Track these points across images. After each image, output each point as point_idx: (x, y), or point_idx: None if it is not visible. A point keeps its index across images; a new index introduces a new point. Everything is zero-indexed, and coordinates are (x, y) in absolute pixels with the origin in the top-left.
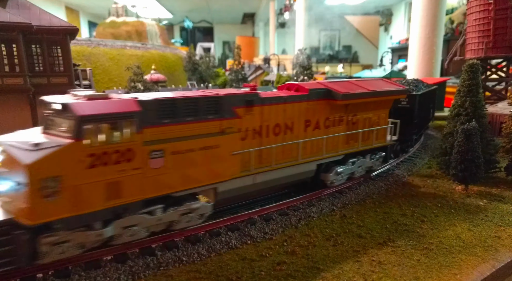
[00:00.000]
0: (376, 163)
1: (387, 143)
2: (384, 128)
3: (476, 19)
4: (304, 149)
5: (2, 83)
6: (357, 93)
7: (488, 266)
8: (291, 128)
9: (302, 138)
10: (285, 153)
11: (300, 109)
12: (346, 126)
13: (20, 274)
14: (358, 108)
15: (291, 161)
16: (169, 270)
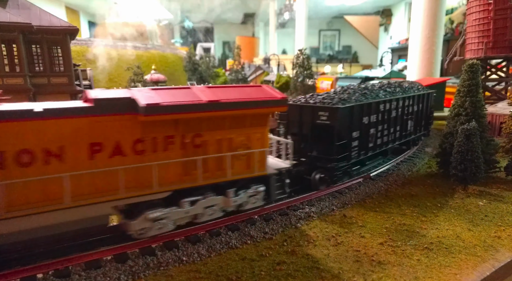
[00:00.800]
0: (248, 200)
1: (260, 173)
2: (257, 153)
3: (476, 19)
4: (85, 186)
5: (3, 83)
6: (178, 106)
7: (488, 266)
8: (58, 155)
9: (84, 169)
10: (44, 193)
11: (76, 127)
12: (181, 150)
13: (20, 274)
14: (202, 126)
15: (50, 204)
16: (169, 270)
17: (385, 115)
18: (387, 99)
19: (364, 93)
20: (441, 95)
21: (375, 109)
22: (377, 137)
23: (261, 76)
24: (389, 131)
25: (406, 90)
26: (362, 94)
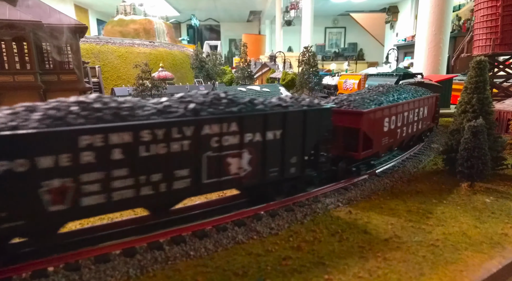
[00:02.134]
0: None
1: None
2: None
3: (483, 15)
4: None
5: (14, 80)
6: None
7: (494, 263)
8: None
9: None
10: None
11: None
12: None
13: (31, 267)
14: None
15: None
16: (176, 264)
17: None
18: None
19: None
20: (447, 92)
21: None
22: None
23: (267, 74)
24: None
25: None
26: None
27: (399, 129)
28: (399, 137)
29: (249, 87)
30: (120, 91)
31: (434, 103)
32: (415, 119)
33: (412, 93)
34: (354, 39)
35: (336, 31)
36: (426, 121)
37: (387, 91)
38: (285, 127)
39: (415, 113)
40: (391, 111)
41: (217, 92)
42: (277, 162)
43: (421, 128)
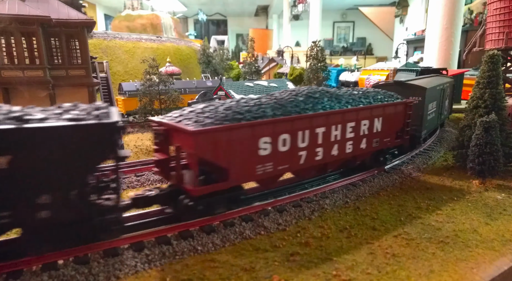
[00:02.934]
0: None
1: None
2: None
3: (496, 8)
4: None
5: (23, 75)
6: None
7: (506, 260)
8: None
9: None
10: None
11: None
12: None
13: (42, 260)
14: None
15: None
16: (184, 259)
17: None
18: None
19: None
20: (458, 87)
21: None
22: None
23: (274, 69)
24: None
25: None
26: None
27: (308, 150)
28: (308, 161)
29: (256, 82)
30: (128, 86)
31: (403, 112)
32: (356, 135)
33: (360, 100)
34: (362, 34)
35: (345, 25)
36: (383, 138)
37: (313, 96)
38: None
39: (354, 127)
40: (284, 127)
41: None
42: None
43: (370, 147)
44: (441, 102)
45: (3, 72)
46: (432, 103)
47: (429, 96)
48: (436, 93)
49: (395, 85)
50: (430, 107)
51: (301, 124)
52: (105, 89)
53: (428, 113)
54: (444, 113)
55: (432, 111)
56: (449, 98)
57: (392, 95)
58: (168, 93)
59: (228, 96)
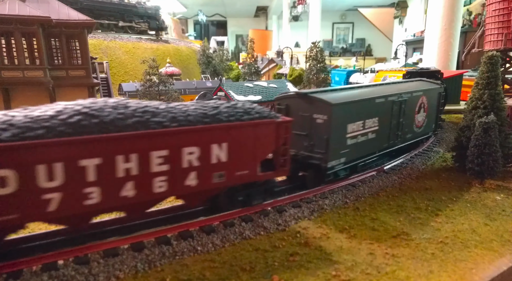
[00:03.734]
0: None
1: None
2: None
3: (495, 9)
4: None
5: (23, 75)
6: None
7: (505, 261)
8: None
9: None
10: None
11: None
12: None
13: (42, 260)
14: None
15: None
16: (184, 259)
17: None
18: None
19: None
20: (457, 88)
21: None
22: None
23: (274, 69)
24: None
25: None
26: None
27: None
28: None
29: (256, 82)
30: (128, 86)
31: (273, 135)
32: (172, 168)
33: (187, 119)
34: (362, 35)
35: (344, 26)
36: (233, 170)
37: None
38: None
39: (168, 156)
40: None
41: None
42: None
43: (209, 183)
44: (400, 118)
45: (4, 72)
46: (362, 122)
47: (342, 113)
48: (374, 108)
49: (298, 98)
50: (353, 128)
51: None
52: (105, 90)
53: (351, 136)
54: (419, 129)
55: (364, 132)
56: (433, 108)
57: (263, 112)
58: (168, 93)
59: (228, 97)
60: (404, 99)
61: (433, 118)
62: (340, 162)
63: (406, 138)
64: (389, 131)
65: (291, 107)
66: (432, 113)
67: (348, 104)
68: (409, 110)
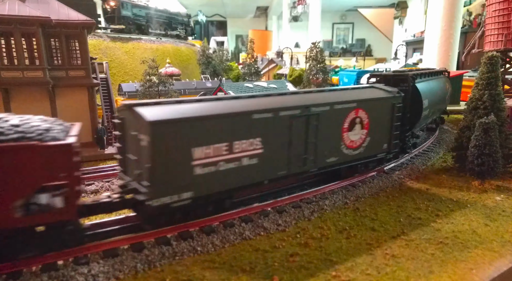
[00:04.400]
0: None
1: None
2: None
3: (495, 10)
4: None
5: (23, 76)
6: None
7: (505, 261)
8: None
9: None
10: None
11: None
12: None
13: (42, 260)
14: None
15: None
16: (184, 259)
17: None
18: None
19: None
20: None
21: None
22: None
23: (274, 70)
24: None
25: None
26: None
27: None
28: None
29: (256, 83)
30: (127, 87)
31: (39, 162)
32: None
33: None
34: (362, 35)
35: (344, 26)
36: None
37: None
38: None
39: None
40: None
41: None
42: None
43: None
44: (308, 137)
45: (3, 72)
46: (226, 145)
47: (176, 134)
48: (251, 125)
49: (127, 110)
50: (206, 153)
51: None
52: (104, 90)
53: (202, 163)
54: (354, 151)
55: (233, 157)
56: (383, 124)
57: (32, 132)
58: (168, 94)
59: None
60: (314, 114)
61: (385, 135)
62: (182, 198)
63: (326, 163)
64: (288, 154)
65: (126, 122)
66: (382, 130)
67: (189, 122)
68: (326, 127)
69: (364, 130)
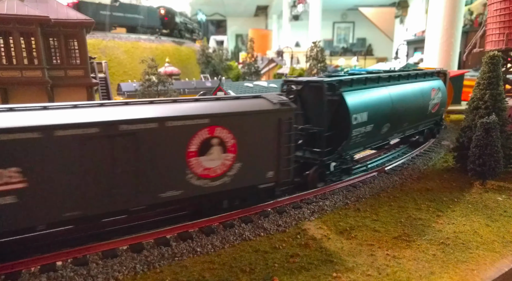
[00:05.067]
0: None
1: None
2: None
3: (497, 9)
4: None
5: (22, 75)
6: None
7: (506, 262)
8: None
9: None
10: None
11: None
12: None
13: (40, 261)
14: None
15: None
16: (183, 260)
17: None
18: None
19: None
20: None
21: None
22: None
23: (274, 69)
24: None
25: None
26: None
27: None
28: None
29: (256, 82)
30: (127, 86)
31: None
32: None
33: None
34: (363, 34)
35: (345, 26)
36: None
37: None
38: None
39: None
40: None
41: None
42: None
43: None
44: (115, 167)
45: (2, 72)
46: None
47: None
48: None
49: None
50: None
51: None
52: (103, 90)
53: None
54: (215, 181)
55: None
56: (263, 147)
57: None
58: (167, 93)
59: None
60: (126, 133)
61: (269, 161)
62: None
63: (160, 198)
64: (82, 187)
65: None
66: (263, 154)
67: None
68: (155, 150)
69: (229, 154)
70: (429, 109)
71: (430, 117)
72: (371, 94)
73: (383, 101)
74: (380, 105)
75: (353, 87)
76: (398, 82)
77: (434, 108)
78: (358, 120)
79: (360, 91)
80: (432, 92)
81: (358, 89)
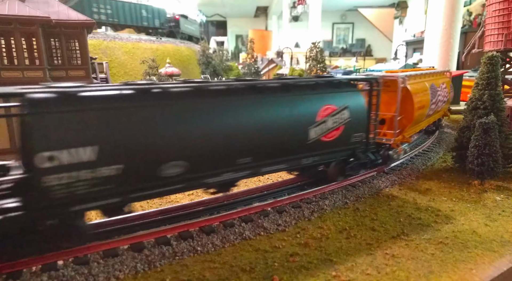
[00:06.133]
0: None
1: None
2: None
3: (495, 10)
4: None
5: (23, 76)
6: None
7: (505, 261)
8: None
9: None
10: None
11: None
12: None
13: (41, 260)
14: None
15: None
16: (184, 259)
17: None
18: None
19: None
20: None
21: None
22: None
23: (274, 70)
24: None
25: None
26: None
27: None
28: None
29: None
30: None
31: None
32: None
33: None
34: (362, 35)
35: (344, 26)
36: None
37: None
38: None
39: None
40: None
41: None
42: None
43: None
44: None
45: (3, 72)
46: None
47: None
48: None
49: None
50: None
51: None
52: None
53: None
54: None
55: None
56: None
57: None
58: None
59: None
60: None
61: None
62: None
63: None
64: None
65: None
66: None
67: None
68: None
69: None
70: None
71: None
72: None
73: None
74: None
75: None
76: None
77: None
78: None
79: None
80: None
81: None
